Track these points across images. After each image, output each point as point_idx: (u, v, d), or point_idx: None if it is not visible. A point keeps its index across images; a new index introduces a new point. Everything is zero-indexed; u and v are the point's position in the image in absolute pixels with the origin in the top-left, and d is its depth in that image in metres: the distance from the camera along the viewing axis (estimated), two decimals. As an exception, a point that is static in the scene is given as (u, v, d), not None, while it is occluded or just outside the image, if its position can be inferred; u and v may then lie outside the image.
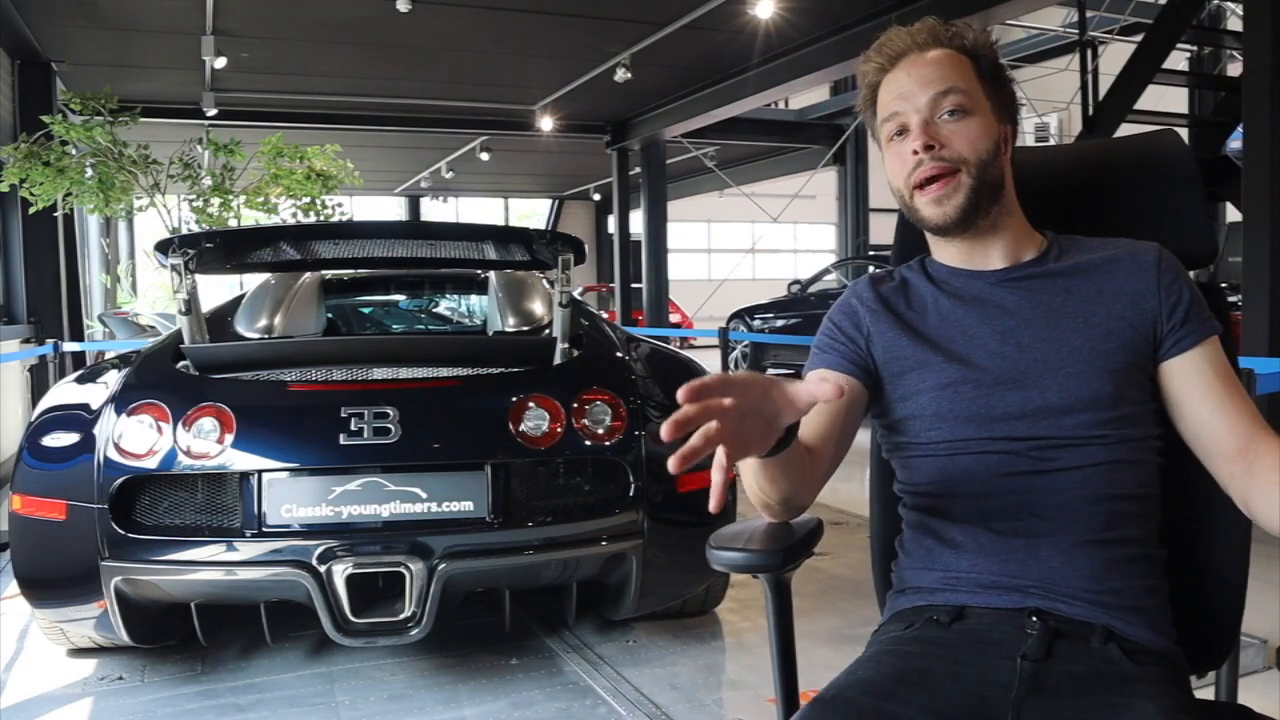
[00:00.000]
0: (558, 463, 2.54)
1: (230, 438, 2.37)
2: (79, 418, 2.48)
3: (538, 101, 10.13)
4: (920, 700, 1.00)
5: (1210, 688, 1.82)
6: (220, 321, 3.09)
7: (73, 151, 6.97)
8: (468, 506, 2.42)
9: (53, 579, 2.50)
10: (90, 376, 2.73)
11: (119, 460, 2.36)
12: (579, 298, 3.44)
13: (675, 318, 15.42)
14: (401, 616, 2.34)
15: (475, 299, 3.82)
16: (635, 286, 12.61)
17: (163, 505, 2.41)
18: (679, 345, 8.80)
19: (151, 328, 9.46)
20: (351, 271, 3.63)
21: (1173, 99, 6.98)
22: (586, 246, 2.81)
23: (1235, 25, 7.69)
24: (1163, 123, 5.73)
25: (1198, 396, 1.09)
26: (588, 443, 2.51)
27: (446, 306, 3.89)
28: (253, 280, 3.49)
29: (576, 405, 2.53)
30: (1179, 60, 8.01)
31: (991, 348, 1.13)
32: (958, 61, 1.13)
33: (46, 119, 6.88)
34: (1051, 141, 15.15)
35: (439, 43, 7.92)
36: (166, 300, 11.48)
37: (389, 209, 19.48)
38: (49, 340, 5.59)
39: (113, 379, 2.58)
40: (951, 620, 1.10)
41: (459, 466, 2.45)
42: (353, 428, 2.38)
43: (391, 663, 2.73)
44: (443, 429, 2.49)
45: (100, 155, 6.98)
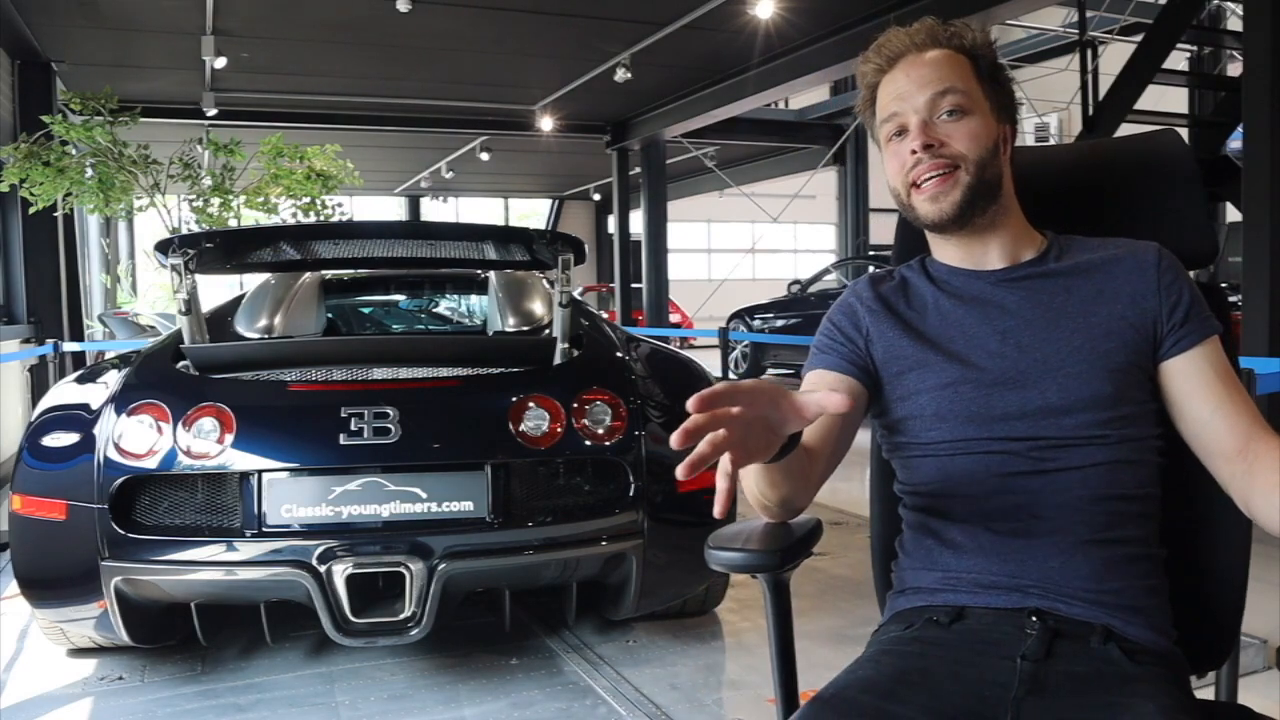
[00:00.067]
0: (558, 463, 2.54)
1: (230, 438, 2.36)
2: (79, 418, 2.48)
3: (538, 101, 10.14)
4: (920, 700, 1.00)
5: (1210, 688, 1.82)
6: (220, 321, 3.09)
7: (73, 151, 6.97)
8: (468, 506, 2.42)
9: (53, 579, 2.50)
10: (90, 376, 2.73)
11: (119, 460, 2.36)
12: (579, 298, 3.44)
13: (675, 318, 15.42)
14: (401, 616, 2.34)
15: (475, 299, 3.82)
16: (635, 286, 12.61)
17: (163, 505, 2.41)
18: (679, 345, 8.79)
19: (151, 328, 9.47)
20: (351, 271, 3.63)
21: (1173, 99, 6.98)
22: (586, 246, 2.81)
23: (1235, 25, 7.69)
24: (1163, 123, 5.73)
25: (1198, 396, 1.09)
26: (588, 443, 2.51)
27: (446, 306, 3.89)
28: (253, 280, 3.49)
29: (576, 405, 2.53)
30: (1179, 60, 8.01)
31: (991, 348, 1.13)
32: (956, 62, 1.13)
33: (46, 119, 6.88)
34: (1051, 141, 15.16)
35: (439, 43, 7.92)
36: (166, 300, 11.48)
37: (389, 209, 19.47)
38: (49, 340, 5.59)
39: (113, 379, 2.58)
40: (951, 620, 1.10)
41: (459, 466, 2.45)
42: (353, 428, 2.38)
43: (391, 663, 2.73)
44: (443, 429, 2.49)
45: (100, 155, 6.98)
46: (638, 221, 12.22)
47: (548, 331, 3.01)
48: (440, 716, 2.40)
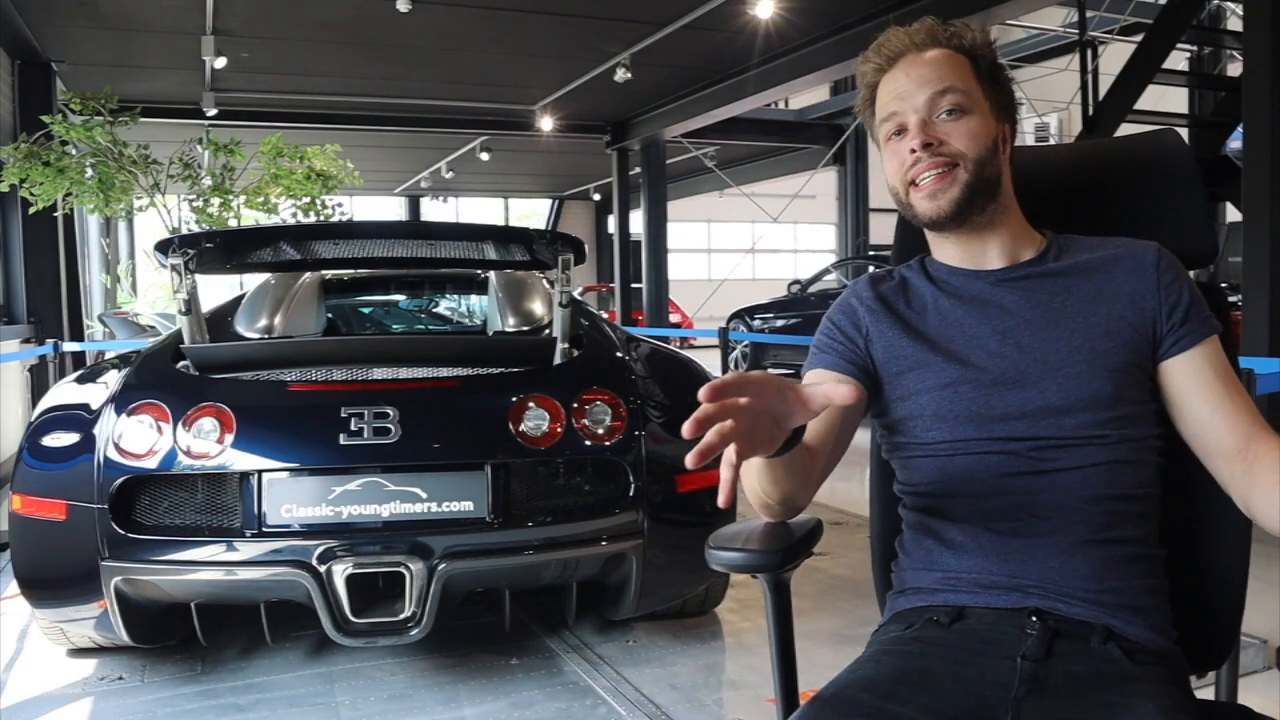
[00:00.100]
0: (558, 463, 2.54)
1: (230, 438, 2.37)
2: (79, 418, 2.48)
3: (538, 101, 10.14)
4: (920, 700, 1.00)
5: (1210, 688, 1.82)
6: (220, 321, 3.10)
7: (73, 151, 6.97)
8: (468, 506, 2.42)
9: (53, 579, 2.50)
10: (90, 376, 2.73)
11: (119, 460, 2.36)
12: (579, 298, 3.44)
13: (675, 318, 15.43)
14: (401, 616, 2.34)
15: (475, 299, 3.82)
16: (635, 286, 12.61)
17: (163, 505, 2.41)
18: (679, 345, 8.80)
19: (151, 328, 9.47)
20: (351, 271, 3.63)
21: (1173, 99, 6.98)
22: (586, 246, 2.81)
23: (1235, 25, 7.69)
24: (1163, 123, 5.73)
25: (1197, 396, 1.09)
26: (588, 443, 2.51)
27: (446, 306, 3.89)
28: (253, 280, 3.49)
29: (576, 405, 2.53)
30: (1179, 60, 8.01)
31: (991, 348, 1.13)
32: (956, 61, 1.14)
33: (46, 119, 6.88)
34: (1051, 141, 15.15)
35: (439, 43, 7.92)
36: (166, 300, 11.48)
37: (389, 209, 19.48)
38: (49, 340, 5.59)
39: (113, 379, 2.58)
40: (951, 620, 1.10)
41: (459, 466, 2.45)
42: (353, 428, 2.39)
43: (391, 663, 2.73)
44: (443, 429, 2.49)
45: (100, 155, 6.98)
46: (638, 221, 12.22)
47: (548, 331, 3.01)
48: (440, 716, 2.40)
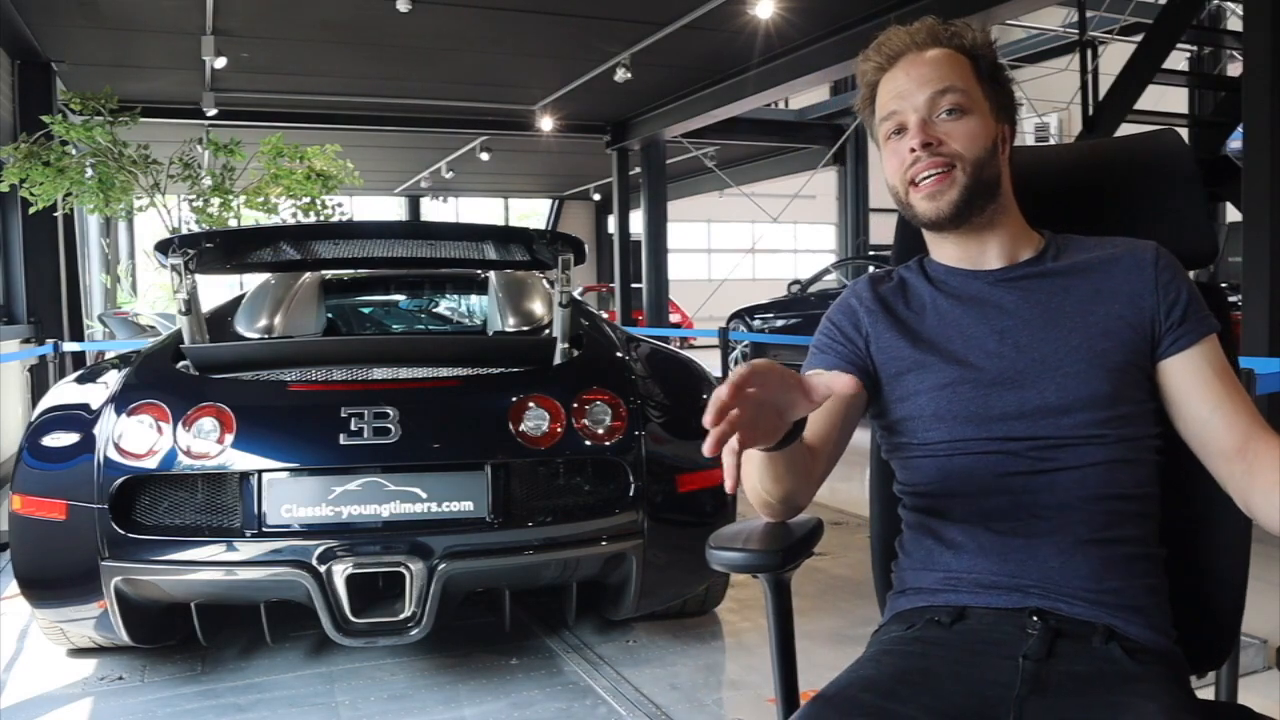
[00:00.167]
0: (558, 463, 2.54)
1: (230, 438, 2.37)
2: (79, 418, 2.48)
3: (538, 101, 10.13)
4: (921, 700, 1.00)
5: (1210, 688, 1.82)
6: (220, 321, 3.09)
7: (73, 151, 6.97)
8: (468, 506, 2.42)
9: (53, 579, 2.50)
10: (90, 376, 2.73)
11: (119, 460, 2.36)
12: (579, 298, 3.44)
13: (675, 318, 15.42)
14: (401, 616, 2.34)
15: (475, 299, 3.82)
16: (635, 286, 12.61)
17: (163, 505, 2.41)
18: (679, 345, 8.79)
19: (151, 328, 9.46)
20: (351, 271, 3.63)
21: (1173, 99, 6.98)
22: (586, 246, 2.81)
23: (1235, 25, 7.69)
24: (1163, 123, 5.73)
25: (1196, 395, 1.09)
26: (588, 443, 2.51)
27: (446, 306, 3.89)
28: (253, 280, 3.49)
29: (576, 405, 2.53)
30: (1179, 60, 8.01)
31: (990, 348, 1.13)
32: (956, 61, 1.14)
33: (46, 119, 6.88)
34: (1051, 141, 15.15)
35: (439, 43, 7.92)
36: (166, 300, 11.48)
37: (389, 209, 19.47)
38: (49, 340, 5.59)
39: (113, 379, 2.58)
40: (952, 621, 1.10)
41: (459, 466, 2.45)
42: (353, 428, 2.38)
43: (391, 663, 2.73)
44: (443, 429, 2.49)
45: (100, 155, 6.98)
46: (638, 221, 12.22)
47: (548, 331, 3.01)
48: (440, 716, 2.40)
